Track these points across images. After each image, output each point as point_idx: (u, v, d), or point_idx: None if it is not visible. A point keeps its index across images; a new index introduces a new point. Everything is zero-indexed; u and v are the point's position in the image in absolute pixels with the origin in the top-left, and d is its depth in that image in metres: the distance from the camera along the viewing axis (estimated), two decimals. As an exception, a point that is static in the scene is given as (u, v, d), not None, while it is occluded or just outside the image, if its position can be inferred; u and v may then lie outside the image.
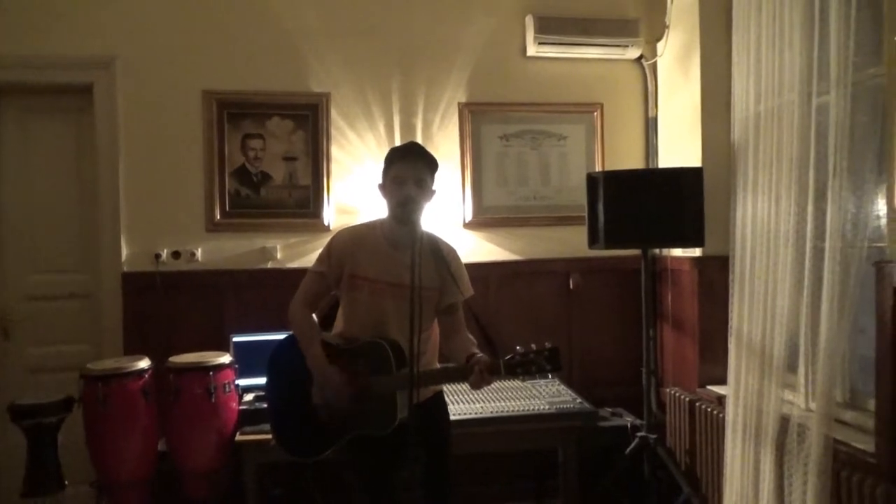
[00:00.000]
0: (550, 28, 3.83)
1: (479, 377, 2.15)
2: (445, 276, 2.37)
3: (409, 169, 2.30)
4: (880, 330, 2.29)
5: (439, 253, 2.38)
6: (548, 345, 2.13)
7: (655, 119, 4.03)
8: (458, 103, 3.92)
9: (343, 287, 2.40)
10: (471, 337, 2.41)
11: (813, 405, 2.64)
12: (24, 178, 3.68)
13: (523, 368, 2.12)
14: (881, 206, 2.41)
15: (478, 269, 3.60)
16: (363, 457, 2.35)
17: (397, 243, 2.35)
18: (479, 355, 2.23)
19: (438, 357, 2.55)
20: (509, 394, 3.40)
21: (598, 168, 4.00)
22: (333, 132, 3.81)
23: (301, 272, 2.54)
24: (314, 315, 2.46)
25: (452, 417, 2.83)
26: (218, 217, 3.71)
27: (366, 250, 2.37)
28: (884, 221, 2.38)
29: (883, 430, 2.30)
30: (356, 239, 2.42)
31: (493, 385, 3.46)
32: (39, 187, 3.69)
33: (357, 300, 2.37)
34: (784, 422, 2.67)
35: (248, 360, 3.38)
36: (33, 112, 3.70)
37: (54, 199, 3.70)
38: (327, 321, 2.53)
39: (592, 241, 3.43)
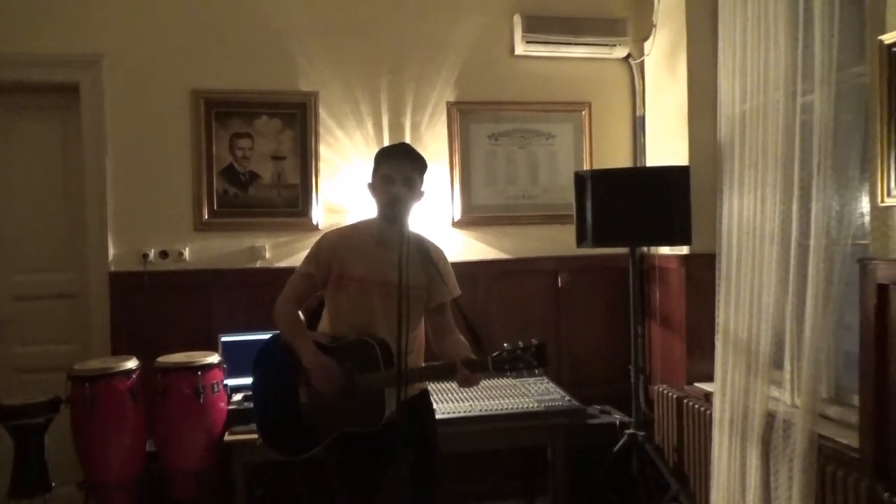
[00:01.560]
0: (538, 27, 3.84)
1: (466, 374, 2.16)
2: (433, 276, 2.38)
3: (397, 168, 2.32)
4: (864, 326, 2.32)
5: (426, 252, 2.39)
6: (534, 341, 2.14)
7: (643, 118, 4.05)
8: (447, 102, 3.93)
9: (330, 287, 2.40)
10: (462, 339, 2.41)
11: (798, 401, 2.67)
12: (9, 177, 3.65)
13: (511, 365, 2.13)
14: (865, 204, 2.44)
15: (466, 268, 3.62)
16: (349, 455, 2.35)
17: (385, 242, 2.36)
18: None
19: (430, 358, 2.55)
20: (498, 392, 3.41)
21: (586, 167, 4.02)
22: (322, 131, 3.80)
23: (290, 271, 2.54)
24: (300, 313, 2.46)
25: (441, 416, 2.84)
26: (206, 216, 3.69)
27: (354, 250, 2.38)
28: (867, 219, 2.40)
29: (867, 426, 2.33)
30: (344, 239, 2.43)
31: (482, 384, 3.49)
32: (25, 186, 3.66)
33: (345, 299, 2.38)
34: (770, 418, 2.70)
35: (236, 359, 3.36)
36: (18, 110, 3.67)
37: (40, 198, 3.68)
38: (312, 321, 2.53)
39: (581, 240, 3.45)
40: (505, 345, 2.16)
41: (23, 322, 3.66)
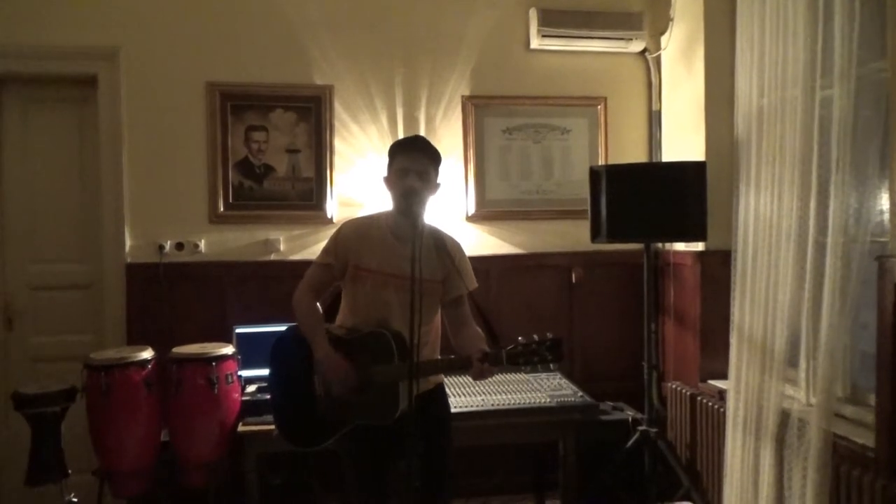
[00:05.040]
0: (554, 21, 3.82)
1: (480, 368, 2.16)
2: (449, 269, 2.38)
3: (412, 161, 2.32)
4: (881, 325, 2.29)
5: (443, 245, 2.39)
6: (549, 335, 2.14)
7: (659, 113, 4.02)
8: (462, 96, 3.92)
9: (347, 278, 2.42)
10: (479, 332, 2.42)
11: (813, 400, 2.65)
12: (27, 168, 3.69)
13: (525, 359, 2.13)
14: (884, 201, 2.41)
15: (480, 263, 3.61)
16: (362, 447, 2.36)
17: (401, 235, 2.37)
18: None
19: (446, 351, 2.55)
20: (511, 387, 3.41)
21: (601, 162, 3.99)
22: (336, 125, 3.81)
23: (304, 264, 2.55)
24: (318, 304, 2.47)
25: (454, 410, 2.85)
26: (221, 209, 3.71)
27: (370, 242, 2.39)
28: (886, 216, 2.37)
29: (882, 426, 2.30)
30: (361, 231, 2.44)
31: (494, 378, 3.51)
32: (42, 177, 3.70)
33: (361, 292, 2.39)
34: (784, 416, 2.68)
35: (250, 351, 3.39)
36: (36, 102, 3.70)
37: (57, 189, 3.71)
38: (330, 312, 2.54)
39: (595, 235, 3.43)
40: (520, 338, 2.16)
41: (39, 312, 3.70)
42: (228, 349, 3.28)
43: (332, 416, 2.37)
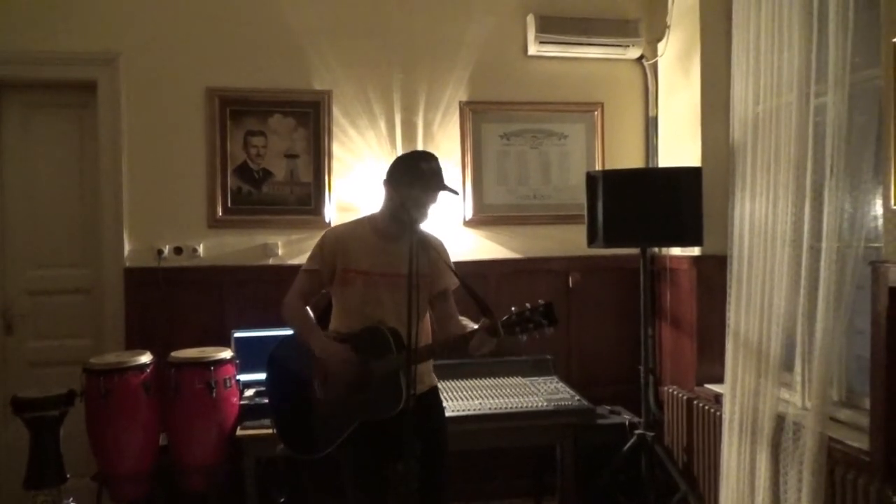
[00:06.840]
0: (551, 27, 3.84)
1: (478, 340, 2.20)
2: (436, 263, 2.43)
3: (434, 198, 2.38)
4: (875, 329, 2.31)
5: (427, 243, 2.44)
6: (542, 301, 2.16)
7: (655, 119, 4.04)
8: (459, 102, 3.94)
9: (336, 283, 2.44)
10: (467, 319, 2.47)
11: (809, 404, 2.66)
12: (26, 173, 3.70)
13: (521, 326, 2.14)
14: (878, 207, 2.43)
15: (477, 267, 3.64)
16: (363, 450, 2.37)
17: (388, 235, 2.42)
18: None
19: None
20: (508, 391, 3.42)
21: (598, 167, 4.01)
22: (335, 130, 3.82)
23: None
24: (308, 309, 2.50)
25: (451, 414, 2.86)
26: (220, 213, 3.73)
27: (356, 245, 2.43)
28: (880, 222, 2.39)
29: (877, 429, 2.32)
30: (346, 235, 2.48)
31: (492, 382, 3.53)
32: (42, 182, 3.71)
33: (352, 294, 2.42)
34: (780, 420, 2.69)
35: (249, 355, 3.40)
36: (36, 107, 3.72)
37: (57, 194, 3.72)
38: (322, 321, 2.56)
39: (591, 240, 3.45)
40: (513, 308, 2.18)
41: (38, 316, 3.71)
42: (227, 353, 3.29)
43: (335, 418, 2.38)
